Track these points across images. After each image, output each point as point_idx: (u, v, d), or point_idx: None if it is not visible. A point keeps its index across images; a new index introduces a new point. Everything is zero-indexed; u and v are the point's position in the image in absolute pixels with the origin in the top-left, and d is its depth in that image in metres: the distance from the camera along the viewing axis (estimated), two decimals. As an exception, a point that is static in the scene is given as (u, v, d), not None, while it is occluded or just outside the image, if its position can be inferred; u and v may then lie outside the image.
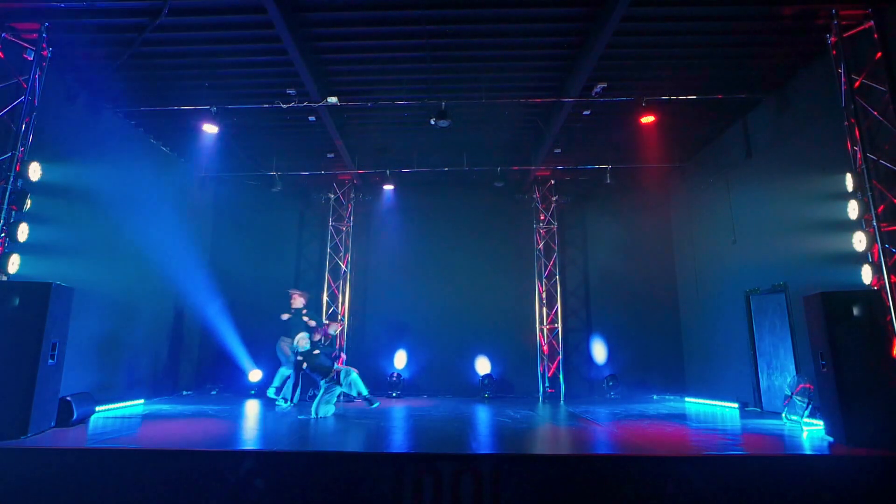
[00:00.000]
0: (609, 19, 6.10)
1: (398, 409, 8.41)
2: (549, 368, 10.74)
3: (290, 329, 8.61)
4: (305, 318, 8.78)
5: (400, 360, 10.87)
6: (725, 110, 8.47)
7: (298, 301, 9.08)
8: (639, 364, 10.73)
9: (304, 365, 7.54)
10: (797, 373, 7.09)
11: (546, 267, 11.19)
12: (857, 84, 6.03)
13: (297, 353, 7.71)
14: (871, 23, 5.99)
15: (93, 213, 7.72)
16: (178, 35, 6.70)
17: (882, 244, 5.57)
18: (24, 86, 6.23)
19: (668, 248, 11.26)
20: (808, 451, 5.11)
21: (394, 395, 10.29)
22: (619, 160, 10.22)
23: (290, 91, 7.76)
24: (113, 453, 4.81)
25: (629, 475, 4.41)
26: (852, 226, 5.91)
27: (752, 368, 8.39)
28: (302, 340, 7.64)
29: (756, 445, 5.42)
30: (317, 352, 7.56)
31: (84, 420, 6.42)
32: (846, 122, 6.06)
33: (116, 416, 7.14)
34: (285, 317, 8.90)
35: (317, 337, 7.84)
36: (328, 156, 10.24)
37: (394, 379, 10.49)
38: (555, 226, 11.31)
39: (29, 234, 6.07)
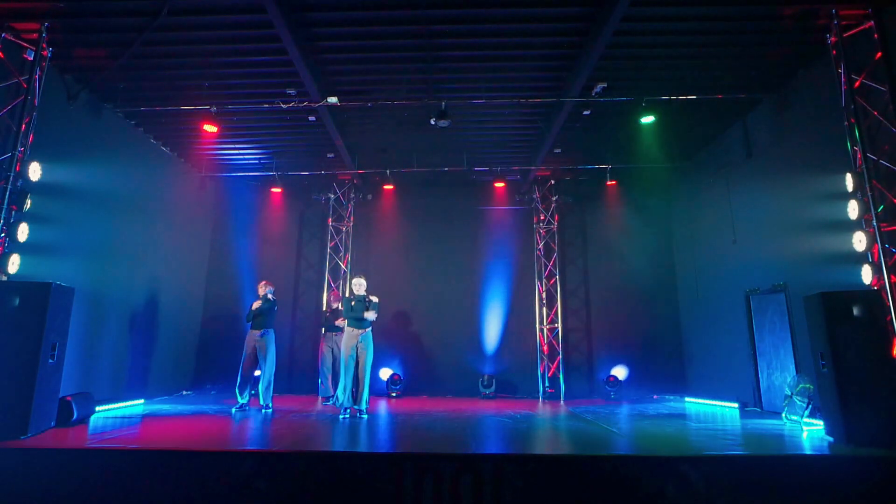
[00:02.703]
0: (609, 19, 6.09)
1: (398, 409, 8.41)
2: (549, 368, 10.74)
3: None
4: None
5: (400, 359, 10.87)
6: (725, 110, 8.47)
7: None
8: (639, 364, 10.73)
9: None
10: (797, 373, 7.09)
11: (546, 267, 11.19)
12: (857, 84, 6.02)
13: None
14: (871, 23, 5.99)
15: (93, 213, 7.71)
16: (178, 35, 6.70)
17: (882, 244, 5.57)
18: (24, 86, 6.23)
19: (668, 248, 11.26)
20: (808, 451, 5.11)
21: (393, 394, 10.29)
22: (619, 160, 10.21)
23: (290, 91, 7.75)
24: (113, 453, 4.80)
25: (629, 475, 4.41)
26: (852, 226, 5.91)
27: (752, 368, 8.39)
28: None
29: (756, 445, 5.42)
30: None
31: (84, 420, 6.42)
32: (846, 122, 6.06)
33: (116, 416, 7.14)
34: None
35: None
36: (328, 156, 10.24)
37: (394, 379, 10.50)
38: (555, 226, 11.31)
39: (29, 234, 6.06)
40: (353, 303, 7.44)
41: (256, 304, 7.92)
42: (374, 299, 7.56)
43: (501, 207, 11.60)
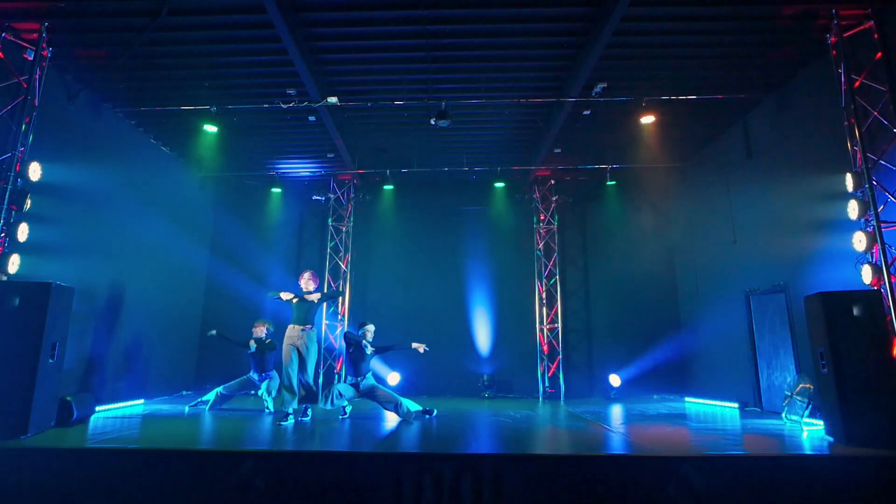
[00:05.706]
0: (609, 19, 6.10)
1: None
2: (549, 368, 10.74)
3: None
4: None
5: (400, 360, 10.85)
6: (725, 110, 8.47)
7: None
8: (639, 364, 10.73)
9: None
10: (797, 373, 7.09)
11: (546, 267, 11.19)
12: (857, 84, 6.03)
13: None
14: (871, 23, 6.00)
15: (93, 213, 7.72)
16: (178, 35, 6.71)
17: (882, 244, 5.58)
18: (24, 86, 6.24)
19: (668, 248, 11.26)
20: (808, 451, 5.10)
21: (394, 395, 10.28)
22: (619, 160, 10.22)
23: (290, 91, 7.76)
24: (113, 453, 4.80)
25: (629, 475, 4.41)
26: (852, 226, 5.91)
27: (752, 368, 8.39)
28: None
29: (756, 445, 5.42)
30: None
31: (84, 420, 6.41)
32: (846, 122, 6.06)
33: (116, 416, 7.13)
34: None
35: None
36: (328, 156, 10.24)
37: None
38: (555, 226, 11.31)
39: (29, 234, 6.07)
40: (367, 350, 7.40)
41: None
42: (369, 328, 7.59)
43: (501, 207, 11.60)
